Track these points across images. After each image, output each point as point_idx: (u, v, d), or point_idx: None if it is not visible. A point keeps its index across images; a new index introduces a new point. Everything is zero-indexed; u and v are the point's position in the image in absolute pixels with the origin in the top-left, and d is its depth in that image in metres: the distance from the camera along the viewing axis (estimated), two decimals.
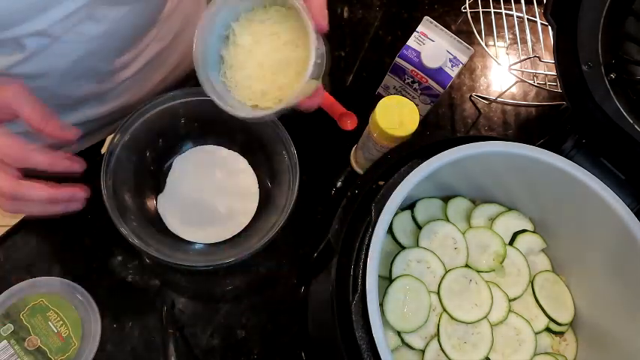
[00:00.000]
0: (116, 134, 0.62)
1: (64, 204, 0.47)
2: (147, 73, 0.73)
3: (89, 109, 0.70)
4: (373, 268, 0.45)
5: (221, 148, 0.72)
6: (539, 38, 0.87)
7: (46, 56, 0.55)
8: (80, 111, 0.69)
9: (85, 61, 0.60)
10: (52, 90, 0.61)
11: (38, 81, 0.58)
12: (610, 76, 0.54)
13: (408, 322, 0.54)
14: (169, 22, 0.71)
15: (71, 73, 0.60)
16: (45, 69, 0.57)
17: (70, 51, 0.57)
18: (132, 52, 0.67)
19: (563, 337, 0.60)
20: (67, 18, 0.52)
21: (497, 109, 0.84)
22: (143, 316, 0.65)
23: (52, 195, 0.45)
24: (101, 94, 0.69)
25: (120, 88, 0.70)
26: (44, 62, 0.56)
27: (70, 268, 0.66)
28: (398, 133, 0.63)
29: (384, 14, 0.88)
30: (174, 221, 0.68)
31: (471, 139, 0.54)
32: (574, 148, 0.56)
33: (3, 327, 0.61)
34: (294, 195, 0.62)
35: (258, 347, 0.66)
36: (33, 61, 0.55)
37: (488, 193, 0.63)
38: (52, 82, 0.60)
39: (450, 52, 0.70)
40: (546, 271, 0.61)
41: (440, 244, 0.59)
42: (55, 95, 0.63)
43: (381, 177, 0.55)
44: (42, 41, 0.53)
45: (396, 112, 0.64)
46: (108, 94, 0.70)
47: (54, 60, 0.57)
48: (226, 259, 0.59)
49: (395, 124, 0.63)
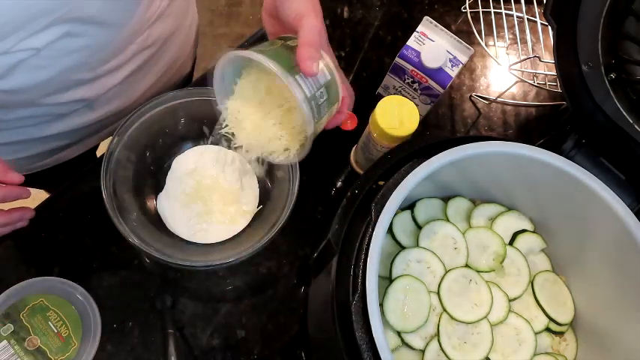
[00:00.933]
0: (116, 134, 0.62)
1: (12, 226, 0.55)
2: (136, 79, 0.71)
3: (78, 116, 0.69)
4: (373, 268, 0.45)
5: (221, 148, 0.72)
6: (539, 38, 0.87)
7: (26, 71, 0.54)
8: (70, 119, 0.68)
9: (68, 73, 0.59)
10: (37, 101, 0.60)
11: (21, 95, 0.58)
12: (610, 76, 0.54)
13: (408, 322, 0.54)
14: (156, 29, 0.69)
15: (54, 84, 0.59)
16: (25, 83, 0.56)
17: (50, 64, 0.56)
18: (117, 60, 0.65)
19: (563, 337, 0.60)
20: (44, 33, 0.51)
21: (497, 109, 0.84)
22: (143, 316, 0.65)
23: (3, 222, 0.53)
24: (90, 102, 0.67)
25: (109, 94, 0.68)
26: (24, 77, 0.55)
27: (70, 268, 0.66)
28: (398, 133, 0.63)
29: (384, 14, 0.88)
30: (174, 221, 0.68)
31: (471, 139, 0.54)
32: (574, 148, 0.56)
33: (3, 327, 0.61)
34: (294, 195, 0.62)
35: (258, 347, 0.66)
36: (11, 77, 0.54)
37: (488, 193, 0.63)
38: (36, 94, 0.59)
39: (450, 52, 0.70)
40: (546, 271, 0.61)
41: (440, 244, 0.59)
42: (40, 105, 0.62)
43: (381, 177, 0.55)
44: (20, 56, 0.52)
45: (396, 112, 0.64)
46: (97, 101, 0.68)
47: (34, 74, 0.56)
48: (226, 259, 0.59)
49: (395, 124, 0.63)
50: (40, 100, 0.60)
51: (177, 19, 0.74)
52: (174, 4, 0.72)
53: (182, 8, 0.76)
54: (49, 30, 0.51)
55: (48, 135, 0.69)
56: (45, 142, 0.71)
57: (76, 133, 0.72)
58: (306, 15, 0.49)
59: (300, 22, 0.49)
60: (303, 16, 0.49)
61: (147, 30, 0.66)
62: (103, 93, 0.67)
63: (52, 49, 0.53)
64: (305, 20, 0.48)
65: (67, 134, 0.71)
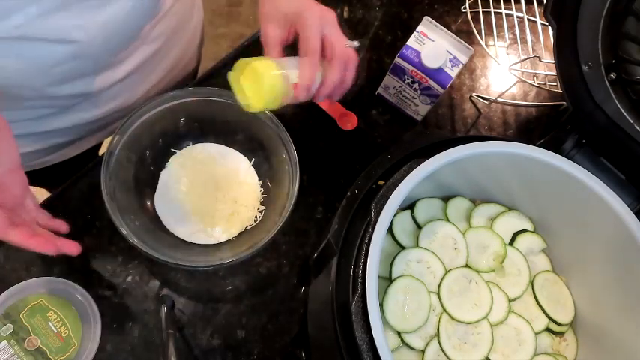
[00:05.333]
0: (116, 134, 0.62)
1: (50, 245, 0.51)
2: (139, 77, 0.71)
3: (81, 112, 0.69)
4: (373, 268, 0.45)
5: (219, 146, 0.72)
6: (539, 38, 0.87)
7: (19, 58, 0.53)
8: (72, 114, 0.68)
9: (66, 64, 0.58)
10: (38, 92, 0.60)
11: (20, 82, 0.57)
12: (610, 76, 0.54)
13: (408, 322, 0.54)
14: (160, 25, 0.69)
15: (51, 75, 0.58)
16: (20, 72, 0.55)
17: (45, 53, 0.55)
18: (120, 55, 0.65)
19: (563, 337, 0.60)
20: (35, 20, 0.50)
21: (497, 109, 0.84)
22: (143, 316, 0.65)
23: (26, 245, 0.49)
24: (93, 97, 0.67)
25: (112, 91, 0.69)
26: (23, 63, 0.54)
27: (70, 268, 0.66)
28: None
29: (384, 14, 0.88)
30: (173, 221, 0.68)
31: (471, 139, 0.54)
32: (574, 148, 0.56)
33: (3, 327, 0.61)
34: (294, 195, 0.62)
35: (258, 347, 0.66)
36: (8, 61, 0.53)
37: (488, 193, 0.63)
38: (37, 82, 0.58)
39: (450, 52, 0.70)
40: (546, 271, 0.61)
41: (440, 244, 0.59)
42: (41, 98, 0.61)
43: (381, 177, 0.55)
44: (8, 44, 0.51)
45: None
46: (100, 97, 0.68)
47: (30, 61, 0.55)
48: (226, 259, 0.59)
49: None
50: (41, 90, 0.60)
51: (182, 17, 0.74)
52: (179, 1, 0.72)
53: (187, 6, 0.77)
54: (40, 15, 0.50)
55: (50, 130, 0.69)
56: (47, 138, 0.71)
57: (78, 129, 0.72)
58: (306, 9, 0.51)
59: (301, 21, 0.50)
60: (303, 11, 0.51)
61: (153, 25, 0.67)
62: (106, 88, 0.67)
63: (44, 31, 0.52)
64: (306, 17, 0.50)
65: (69, 130, 0.71)
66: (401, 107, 0.79)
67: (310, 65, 0.53)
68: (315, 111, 0.78)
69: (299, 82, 0.53)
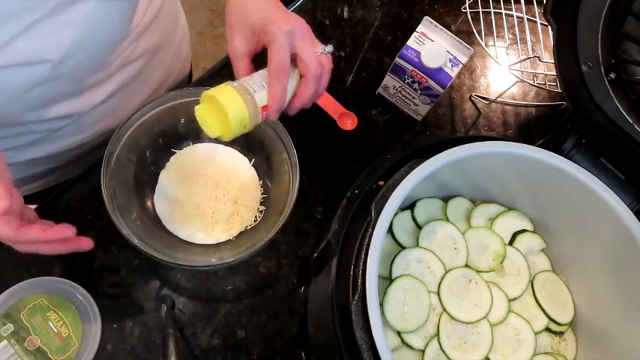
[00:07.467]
0: (116, 135, 0.62)
1: (61, 245, 0.52)
2: (124, 96, 0.70)
3: (67, 137, 0.68)
4: (373, 268, 0.45)
5: (219, 145, 0.72)
6: (539, 38, 0.87)
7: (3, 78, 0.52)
8: (58, 140, 0.67)
9: (41, 87, 0.56)
10: (19, 118, 0.59)
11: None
12: (610, 76, 0.55)
13: (408, 322, 0.54)
14: (142, 43, 0.67)
15: (27, 100, 0.57)
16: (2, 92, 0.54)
17: (17, 78, 0.53)
18: (102, 73, 0.63)
19: (563, 337, 0.60)
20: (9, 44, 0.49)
21: (497, 109, 0.84)
22: (143, 316, 0.65)
23: (44, 237, 0.50)
24: (76, 118, 0.66)
25: (97, 112, 0.67)
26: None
27: (70, 268, 0.66)
28: None
29: (384, 14, 0.88)
30: (173, 221, 0.68)
31: (471, 139, 0.54)
32: (574, 148, 0.56)
33: (3, 327, 0.61)
34: (294, 195, 0.62)
35: (258, 347, 0.66)
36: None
37: (488, 193, 0.63)
38: (16, 109, 0.57)
39: (450, 52, 0.70)
40: (546, 271, 0.61)
41: (440, 244, 0.59)
42: (23, 124, 0.60)
43: (381, 177, 0.55)
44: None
45: None
46: (85, 120, 0.67)
47: (1, 89, 0.54)
48: (226, 259, 0.59)
49: None
50: (19, 117, 0.58)
51: (164, 34, 0.73)
52: (161, 19, 0.71)
53: (170, 22, 0.75)
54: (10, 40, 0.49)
55: (36, 157, 0.68)
56: (32, 166, 0.70)
57: (65, 154, 0.71)
58: (273, 22, 0.50)
59: (268, 37, 0.50)
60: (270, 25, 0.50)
61: (132, 43, 0.66)
62: (91, 109, 0.66)
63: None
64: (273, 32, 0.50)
65: (56, 156, 0.70)
66: (401, 107, 0.79)
67: (279, 87, 0.50)
68: (315, 111, 0.78)
69: (268, 105, 0.51)
